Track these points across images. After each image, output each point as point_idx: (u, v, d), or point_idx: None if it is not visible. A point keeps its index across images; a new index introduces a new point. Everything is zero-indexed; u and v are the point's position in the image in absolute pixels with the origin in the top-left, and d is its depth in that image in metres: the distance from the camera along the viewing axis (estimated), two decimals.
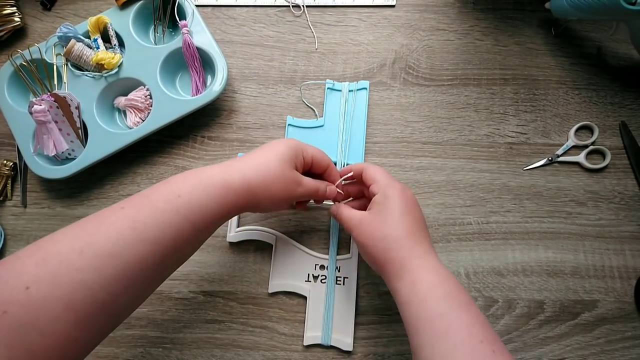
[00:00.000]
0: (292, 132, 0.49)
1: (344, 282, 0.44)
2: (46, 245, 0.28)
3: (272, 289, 0.45)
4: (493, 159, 0.48)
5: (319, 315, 0.43)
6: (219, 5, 0.54)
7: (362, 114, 0.49)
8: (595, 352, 0.43)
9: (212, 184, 0.33)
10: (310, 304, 0.44)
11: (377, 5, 0.53)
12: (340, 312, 0.43)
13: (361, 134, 0.48)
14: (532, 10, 0.52)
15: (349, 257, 0.45)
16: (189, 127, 0.50)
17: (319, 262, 0.45)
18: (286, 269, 0.45)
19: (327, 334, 0.42)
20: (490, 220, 0.46)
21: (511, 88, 0.50)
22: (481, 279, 0.45)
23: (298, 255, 0.45)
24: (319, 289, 0.44)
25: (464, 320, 0.31)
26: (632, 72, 0.50)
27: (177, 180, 0.33)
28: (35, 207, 0.49)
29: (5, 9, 0.52)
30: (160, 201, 0.31)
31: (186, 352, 0.44)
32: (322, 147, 0.47)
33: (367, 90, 0.49)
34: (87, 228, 0.29)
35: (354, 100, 0.49)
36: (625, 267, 0.45)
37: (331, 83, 0.50)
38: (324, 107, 0.50)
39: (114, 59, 0.48)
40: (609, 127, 0.49)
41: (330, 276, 0.44)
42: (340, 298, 0.44)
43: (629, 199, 0.47)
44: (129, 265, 0.28)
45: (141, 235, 0.29)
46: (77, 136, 0.47)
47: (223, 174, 0.34)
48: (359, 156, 0.48)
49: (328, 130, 0.49)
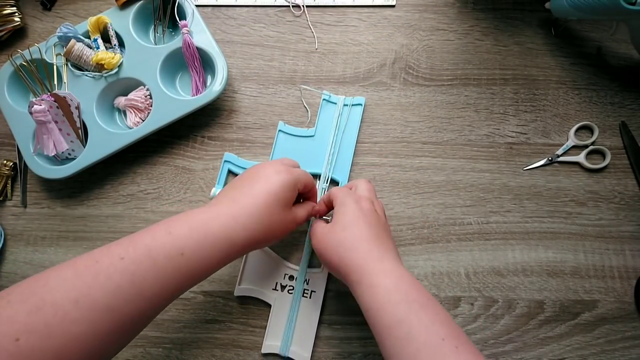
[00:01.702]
0: (282, 138, 0.49)
1: (311, 295, 0.44)
2: (40, 291, 0.26)
3: (237, 293, 0.44)
4: (493, 159, 0.48)
5: (280, 325, 0.43)
6: (219, 5, 0.54)
7: (354, 130, 0.49)
8: (595, 352, 0.43)
9: (215, 243, 0.32)
10: (273, 312, 0.43)
11: (377, 5, 0.53)
12: (303, 325, 0.43)
13: (350, 150, 0.48)
14: (532, 10, 0.52)
15: (319, 271, 0.45)
16: (189, 127, 0.50)
17: (289, 272, 0.45)
18: (255, 275, 0.45)
19: (286, 344, 0.42)
20: (490, 220, 0.46)
21: (511, 88, 0.50)
22: (481, 279, 0.45)
23: (270, 262, 0.45)
24: (284, 299, 0.44)
25: (424, 321, 0.31)
26: (632, 72, 0.50)
27: (181, 233, 0.31)
28: (35, 207, 0.49)
29: (5, 9, 0.52)
30: (162, 257, 0.30)
31: (186, 352, 0.44)
32: (310, 158, 0.47)
33: (362, 107, 0.49)
34: (84, 276, 0.28)
35: (348, 115, 0.49)
36: (625, 267, 0.45)
37: (327, 95, 0.50)
38: (317, 118, 0.49)
39: (114, 59, 0.48)
40: (609, 127, 0.49)
41: (298, 287, 0.44)
42: (305, 311, 0.43)
43: (629, 199, 0.47)
44: (126, 320, 0.28)
45: (141, 291, 0.28)
46: (77, 136, 0.47)
47: (227, 231, 0.33)
48: (345, 171, 0.47)
49: (318, 141, 0.49)
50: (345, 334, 0.44)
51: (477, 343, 0.43)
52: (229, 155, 0.49)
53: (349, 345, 0.43)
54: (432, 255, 0.46)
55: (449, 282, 0.45)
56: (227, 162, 0.48)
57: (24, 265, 0.47)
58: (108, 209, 0.48)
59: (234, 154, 0.49)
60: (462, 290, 0.45)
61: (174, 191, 0.49)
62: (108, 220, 0.48)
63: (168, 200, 0.48)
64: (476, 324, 0.44)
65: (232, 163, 0.48)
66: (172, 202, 0.48)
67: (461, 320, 0.44)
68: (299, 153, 0.48)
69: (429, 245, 0.46)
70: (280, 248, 0.46)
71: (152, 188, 0.49)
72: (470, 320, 0.44)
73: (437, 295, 0.45)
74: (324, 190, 0.47)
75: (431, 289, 0.45)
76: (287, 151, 0.49)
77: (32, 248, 0.48)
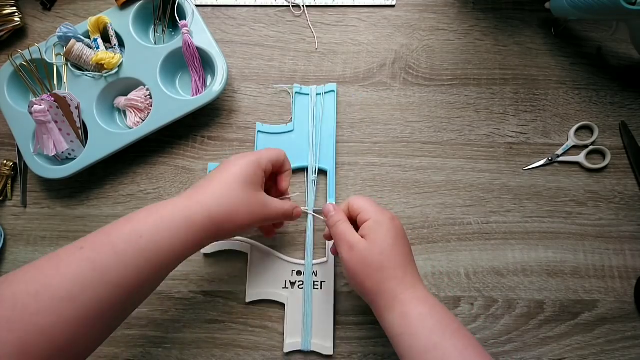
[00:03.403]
0: (262, 139, 0.49)
1: (322, 286, 0.44)
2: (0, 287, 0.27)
3: (249, 298, 0.44)
4: (493, 159, 0.48)
5: (297, 321, 0.43)
6: (219, 5, 0.54)
7: (331, 117, 0.49)
8: (595, 352, 0.43)
9: (174, 222, 0.32)
10: (288, 310, 0.43)
11: (377, 5, 0.53)
12: (319, 317, 0.43)
13: (331, 137, 0.48)
14: (532, 10, 0.52)
15: (325, 261, 0.45)
16: (189, 127, 0.50)
17: (295, 268, 0.45)
18: (262, 278, 0.45)
19: (307, 339, 0.42)
20: (490, 220, 0.46)
21: (511, 88, 0.50)
22: (481, 279, 0.45)
23: (274, 262, 0.45)
24: (296, 295, 0.44)
25: (458, 346, 0.31)
26: (632, 72, 0.50)
27: (138, 218, 0.31)
28: (35, 207, 0.49)
29: (5, 9, 0.52)
30: (121, 241, 0.30)
31: (186, 352, 0.44)
32: (293, 152, 0.47)
33: (334, 93, 0.49)
34: (44, 269, 0.28)
35: (323, 104, 0.49)
36: (625, 267, 0.45)
37: (298, 87, 0.50)
38: (292, 111, 0.49)
39: (114, 59, 0.48)
40: (609, 127, 0.49)
41: (308, 281, 0.44)
42: (319, 302, 0.43)
43: (629, 199, 0.47)
44: (89, 308, 0.27)
45: (102, 277, 0.28)
46: (77, 136, 0.47)
47: (184, 211, 0.32)
48: (330, 159, 0.47)
49: (298, 134, 0.49)
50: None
51: None
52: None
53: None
54: (432, 255, 0.46)
55: (449, 282, 0.45)
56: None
57: (24, 265, 0.47)
58: (108, 209, 0.48)
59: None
60: (462, 290, 0.45)
61: (174, 191, 0.49)
62: (108, 220, 0.48)
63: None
64: (476, 324, 0.44)
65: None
66: None
67: (461, 320, 0.44)
68: (282, 149, 0.48)
69: (429, 245, 0.46)
70: (282, 248, 0.46)
71: (152, 188, 0.49)
72: (470, 320, 0.44)
73: (437, 295, 0.45)
74: (314, 181, 0.47)
75: (431, 289, 0.45)
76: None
77: (32, 248, 0.48)
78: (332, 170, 0.47)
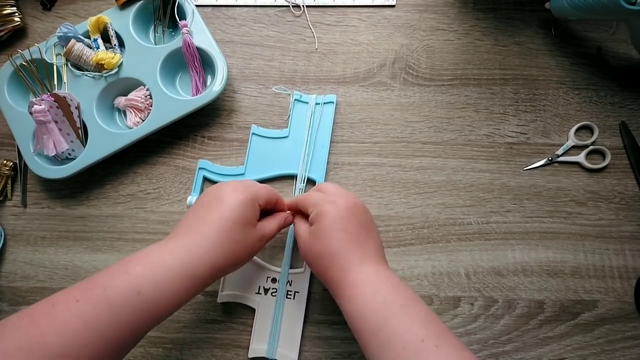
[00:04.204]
0: (256, 141, 0.49)
1: (294, 296, 0.44)
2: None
3: (221, 300, 0.44)
4: (493, 159, 0.48)
5: (266, 328, 0.43)
6: (219, 5, 0.54)
7: (327, 129, 0.49)
8: (595, 352, 0.43)
9: (174, 280, 0.31)
10: (258, 316, 0.43)
11: (377, 5, 0.53)
12: (288, 327, 0.43)
13: (324, 148, 0.48)
14: (532, 10, 0.52)
15: (301, 272, 0.44)
16: (189, 127, 0.50)
17: (271, 275, 0.44)
18: (238, 280, 0.44)
19: (272, 347, 0.42)
20: (490, 220, 0.46)
21: (511, 88, 0.50)
22: (481, 279, 0.45)
23: (252, 266, 0.45)
24: (268, 302, 0.44)
25: (403, 324, 0.31)
26: (632, 72, 0.50)
27: (136, 272, 0.30)
28: (35, 207, 0.49)
29: (5, 9, 0.52)
30: (118, 297, 0.29)
31: (186, 352, 0.44)
32: (285, 158, 0.48)
33: (334, 104, 0.49)
34: (39, 323, 0.27)
35: (321, 114, 0.49)
36: (625, 267, 0.45)
37: (298, 95, 0.50)
38: (290, 118, 0.49)
39: (114, 59, 0.48)
40: (609, 127, 0.49)
41: (281, 290, 0.44)
42: (289, 312, 0.43)
43: (629, 199, 0.47)
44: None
45: (97, 334, 0.28)
46: (77, 136, 0.47)
47: (187, 266, 0.32)
48: (321, 170, 0.47)
49: (292, 141, 0.48)
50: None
51: (477, 343, 0.43)
52: (203, 162, 0.48)
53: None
54: (432, 255, 0.46)
55: (449, 282, 0.45)
56: (201, 170, 0.48)
57: (24, 265, 0.47)
58: (108, 209, 0.48)
59: (208, 161, 0.48)
60: (462, 290, 0.45)
61: (174, 191, 0.49)
62: (108, 220, 0.48)
63: (168, 200, 0.48)
64: (476, 324, 0.44)
65: (207, 170, 0.48)
66: (172, 202, 0.48)
67: (461, 320, 0.44)
68: (274, 154, 0.48)
69: (429, 245, 0.46)
70: (261, 252, 0.46)
71: (152, 188, 0.49)
72: (470, 320, 0.44)
73: (437, 295, 0.45)
74: (301, 190, 0.47)
75: (431, 289, 0.45)
76: (262, 154, 0.48)
77: (32, 248, 0.48)
78: (321, 181, 0.47)
